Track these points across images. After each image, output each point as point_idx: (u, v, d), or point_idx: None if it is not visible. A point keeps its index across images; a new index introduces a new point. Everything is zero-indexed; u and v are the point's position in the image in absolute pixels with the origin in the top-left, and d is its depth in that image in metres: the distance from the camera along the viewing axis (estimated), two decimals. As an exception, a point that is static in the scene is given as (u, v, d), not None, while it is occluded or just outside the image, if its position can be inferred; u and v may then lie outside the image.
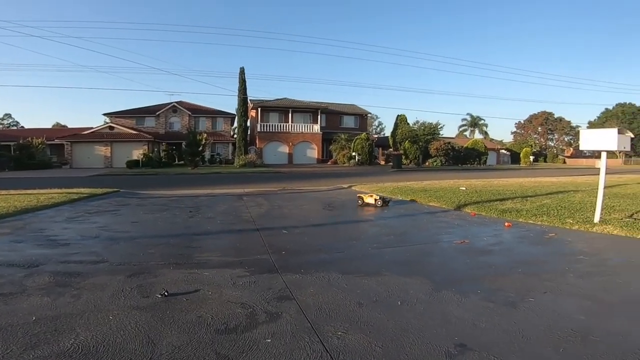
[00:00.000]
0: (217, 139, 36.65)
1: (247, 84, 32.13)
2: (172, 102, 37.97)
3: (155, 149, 34.00)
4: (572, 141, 60.84)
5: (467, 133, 60.05)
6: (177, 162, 33.03)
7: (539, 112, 64.27)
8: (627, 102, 58.07)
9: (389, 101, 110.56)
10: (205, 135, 29.47)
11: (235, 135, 35.33)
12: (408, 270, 3.33)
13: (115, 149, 32.44)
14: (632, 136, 5.65)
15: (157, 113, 37.19)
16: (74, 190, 9.65)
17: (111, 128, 33.83)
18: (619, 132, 5.00)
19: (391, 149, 34.77)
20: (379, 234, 4.99)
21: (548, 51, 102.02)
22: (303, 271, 3.28)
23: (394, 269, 3.38)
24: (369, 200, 7.62)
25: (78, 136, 33.14)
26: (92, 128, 34.34)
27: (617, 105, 59.18)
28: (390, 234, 5.02)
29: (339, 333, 2.12)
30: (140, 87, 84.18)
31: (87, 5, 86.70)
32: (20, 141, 30.52)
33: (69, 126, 53.52)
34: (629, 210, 6.16)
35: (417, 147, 33.58)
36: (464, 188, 10.37)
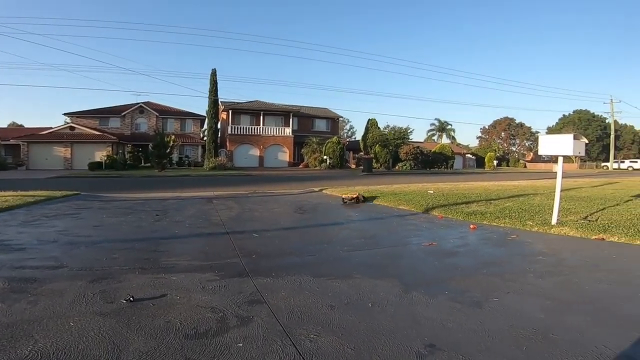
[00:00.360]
0: (186, 140, 35.84)
1: (218, 86, 31.66)
2: (139, 103, 36.77)
3: (120, 151, 32.78)
4: (532, 146, 63.86)
5: (435, 138, 61.71)
6: (143, 164, 31.99)
7: (502, 118, 67.21)
8: (583, 109, 61.49)
9: (361, 105, 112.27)
10: (173, 137, 28.71)
11: (205, 138, 34.67)
12: (378, 273, 3.37)
13: (76, 150, 30.94)
14: (587, 142, 5.99)
15: (123, 114, 35.88)
16: (30, 192, 9.11)
17: (72, 128, 32.28)
18: (575, 138, 5.29)
19: (362, 153, 35.19)
20: (350, 237, 5.04)
21: (512, 58, 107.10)
22: (274, 275, 3.26)
23: (365, 271, 3.42)
24: (352, 195, 8.69)
25: (35, 136, 31.37)
26: (51, 128, 32.62)
27: (574, 111, 62.53)
28: (360, 237, 5.07)
29: (311, 336, 2.11)
30: (105, 86, 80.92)
31: (49, 2, 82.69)
32: (-29, 140, 28.52)
33: (26, 126, 50.57)
34: (584, 212, 6.53)
35: (387, 151, 34.15)
36: (432, 191, 10.64)
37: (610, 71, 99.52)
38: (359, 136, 44.63)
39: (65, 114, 35.46)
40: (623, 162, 51.93)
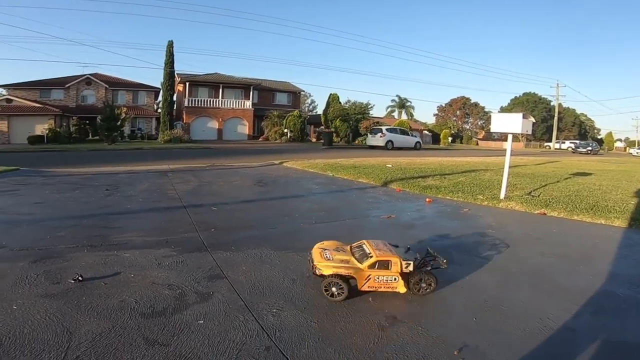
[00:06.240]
0: (138, 113, 34.17)
1: (175, 58, 30.54)
2: (85, 74, 34.30)
3: (64, 124, 30.60)
4: (484, 125, 66.66)
5: (395, 114, 62.52)
6: (91, 137, 30.09)
7: (458, 97, 69.18)
8: (532, 92, 65.14)
9: (322, 80, 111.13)
10: (125, 109, 27.14)
11: (159, 110, 33.18)
12: (340, 245, 3.41)
13: (13, 124, 28.35)
14: (534, 121, 6.34)
15: (67, 85, 33.33)
16: (-40, 164, 8.25)
17: (9, 101, 29.39)
18: (524, 117, 5.58)
19: (323, 127, 35.10)
20: (311, 210, 5.05)
21: (470, 41, 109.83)
22: (234, 249, 3.21)
23: (326, 244, 3.44)
24: None
25: (-34, 107, 28.23)
26: (-18, 101, 29.46)
27: (523, 94, 66.16)
28: (321, 209, 5.10)
29: (274, 310, 2.11)
30: (46, 58, 73.19)
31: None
32: None
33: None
34: (528, 188, 6.98)
35: (347, 126, 34.30)
36: (390, 165, 10.89)
37: (557, 58, 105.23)
38: (320, 110, 44.25)
39: (0, 86, 32.21)
40: (564, 142, 55.48)
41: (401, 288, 2.28)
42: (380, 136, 25.12)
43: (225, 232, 3.78)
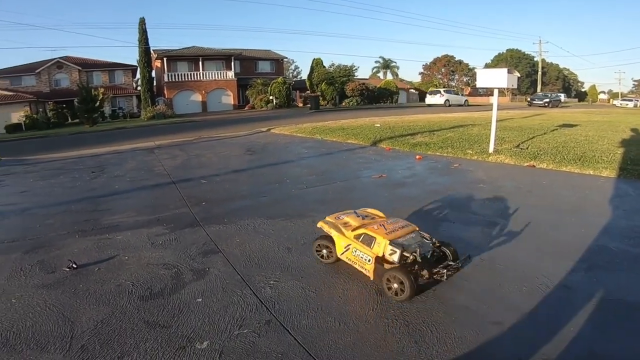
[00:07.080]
0: (117, 92, 33.33)
1: (148, 34, 29.70)
2: (55, 58, 32.81)
3: (41, 109, 29.57)
4: (469, 81, 66.14)
5: (380, 74, 61.60)
6: (70, 121, 29.23)
7: (442, 55, 68.27)
8: (515, 48, 64.86)
9: (305, 46, 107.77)
10: (102, 89, 26.31)
11: (139, 88, 32.36)
12: (332, 209, 3.35)
13: (-13, 115, 27.22)
14: (519, 75, 6.26)
15: (38, 71, 31.92)
16: None
17: (-21, 92, 28.07)
18: (508, 72, 5.50)
19: (308, 92, 34.55)
20: (302, 175, 5.02)
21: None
22: (227, 221, 3.19)
23: (319, 208, 3.44)
24: None
25: None
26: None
27: (507, 50, 65.78)
28: (312, 173, 5.07)
29: (271, 282, 2.11)
30: (10, 45, 68.10)
31: None
32: None
33: None
34: (516, 141, 7.00)
35: (333, 89, 33.82)
36: (379, 125, 10.81)
37: (540, 14, 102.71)
38: (304, 76, 43.24)
39: (-34, 77, 30.58)
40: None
41: (370, 274, 1.97)
42: (440, 96, 29.85)
43: (216, 204, 3.75)
